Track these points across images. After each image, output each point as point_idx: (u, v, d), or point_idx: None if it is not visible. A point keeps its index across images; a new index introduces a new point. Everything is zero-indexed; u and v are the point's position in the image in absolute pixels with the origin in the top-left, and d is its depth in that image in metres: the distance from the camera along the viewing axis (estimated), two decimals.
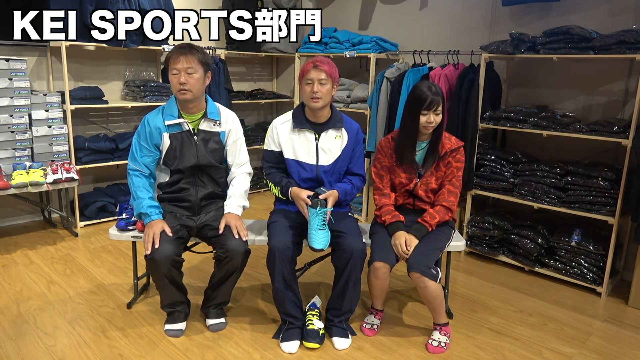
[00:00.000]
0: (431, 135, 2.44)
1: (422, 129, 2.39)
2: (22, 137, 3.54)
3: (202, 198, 2.45)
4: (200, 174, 2.44)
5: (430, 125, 2.37)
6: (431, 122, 2.35)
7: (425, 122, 2.36)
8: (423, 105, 2.33)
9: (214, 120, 2.43)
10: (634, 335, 2.59)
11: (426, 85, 2.36)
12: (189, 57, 2.30)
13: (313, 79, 2.38)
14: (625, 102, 3.17)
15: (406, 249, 2.33)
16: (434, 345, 2.37)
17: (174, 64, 2.30)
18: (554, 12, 3.39)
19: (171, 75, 2.32)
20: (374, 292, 2.48)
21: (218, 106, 2.51)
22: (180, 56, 2.30)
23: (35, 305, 2.68)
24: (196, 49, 2.35)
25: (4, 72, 3.40)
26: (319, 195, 2.31)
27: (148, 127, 2.39)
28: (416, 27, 4.20)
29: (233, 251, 2.29)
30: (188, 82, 2.29)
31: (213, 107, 2.47)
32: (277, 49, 4.96)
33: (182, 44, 2.36)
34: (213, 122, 2.43)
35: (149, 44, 4.00)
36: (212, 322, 2.48)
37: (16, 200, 3.82)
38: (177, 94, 2.34)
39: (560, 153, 3.44)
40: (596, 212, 2.96)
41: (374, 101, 3.96)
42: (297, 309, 2.38)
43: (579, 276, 3.08)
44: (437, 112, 2.35)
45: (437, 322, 2.42)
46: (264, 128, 5.00)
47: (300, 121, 2.49)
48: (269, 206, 2.63)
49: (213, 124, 2.43)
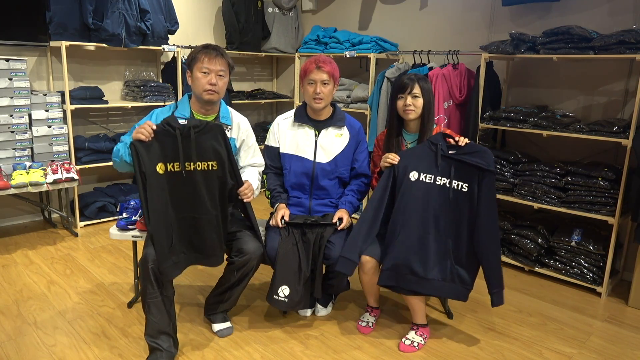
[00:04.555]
0: (419, 126, 2.43)
1: (403, 114, 2.39)
2: (22, 137, 3.54)
3: None
4: None
5: (408, 109, 2.36)
6: (408, 104, 2.35)
7: (403, 105, 2.37)
8: (398, 90, 2.39)
9: (225, 125, 2.39)
10: (634, 335, 2.59)
11: (405, 75, 2.42)
12: (221, 60, 2.30)
13: (315, 80, 2.40)
14: (625, 102, 3.17)
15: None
16: (406, 344, 2.35)
17: (208, 63, 2.27)
18: (554, 12, 3.39)
19: (199, 73, 2.28)
20: (365, 288, 2.48)
21: (230, 110, 2.47)
22: (216, 57, 2.28)
23: (35, 305, 2.68)
24: (225, 53, 2.35)
25: (4, 72, 3.39)
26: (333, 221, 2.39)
27: (155, 121, 2.31)
28: (416, 27, 4.20)
29: (251, 253, 2.27)
30: (218, 84, 2.29)
31: (226, 111, 2.44)
32: (277, 49, 4.96)
33: (210, 45, 2.35)
34: (224, 126, 2.38)
35: (149, 44, 4.01)
36: (220, 327, 2.44)
37: (16, 200, 3.82)
38: (202, 94, 2.28)
39: (560, 153, 3.44)
40: (596, 212, 2.96)
41: (374, 101, 3.96)
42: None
43: (579, 276, 3.08)
44: (414, 95, 2.35)
45: (415, 322, 2.41)
46: (264, 128, 5.00)
47: (301, 117, 2.53)
48: (269, 207, 2.63)
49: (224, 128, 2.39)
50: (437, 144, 2.30)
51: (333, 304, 2.72)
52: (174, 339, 2.20)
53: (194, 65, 2.31)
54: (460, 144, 2.28)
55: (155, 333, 2.15)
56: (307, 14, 5.12)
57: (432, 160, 2.29)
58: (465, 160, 2.26)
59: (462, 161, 2.27)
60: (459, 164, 2.28)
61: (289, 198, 2.55)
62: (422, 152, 2.32)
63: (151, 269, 2.09)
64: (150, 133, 2.10)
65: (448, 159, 2.29)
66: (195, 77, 2.30)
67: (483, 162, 2.24)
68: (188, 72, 2.35)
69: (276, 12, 4.90)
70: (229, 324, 2.47)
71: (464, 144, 2.28)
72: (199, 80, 2.28)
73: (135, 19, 3.84)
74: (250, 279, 2.39)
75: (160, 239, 2.11)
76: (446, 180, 2.28)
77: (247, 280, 2.37)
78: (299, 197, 2.54)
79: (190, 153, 2.16)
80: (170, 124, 2.16)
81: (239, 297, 2.45)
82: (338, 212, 2.44)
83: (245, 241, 2.30)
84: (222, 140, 2.21)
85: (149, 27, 3.93)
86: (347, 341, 2.41)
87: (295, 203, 2.54)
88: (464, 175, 2.28)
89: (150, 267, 2.09)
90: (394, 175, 2.33)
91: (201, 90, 2.28)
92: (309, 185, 2.52)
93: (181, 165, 2.17)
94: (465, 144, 2.28)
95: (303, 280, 2.30)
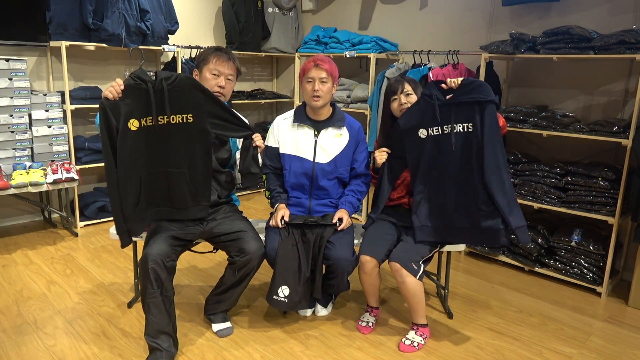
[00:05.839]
0: None
1: (400, 114, 2.42)
2: (22, 137, 3.54)
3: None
4: None
5: (404, 107, 2.40)
6: (404, 102, 2.40)
7: (398, 105, 2.42)
8: (391, 93, 2.44)
9: None
10: (634, 335, 2.59)
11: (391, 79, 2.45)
12: (231, 64, 2.33)
13: (314, 78, 2.41)
14: (625, 102, 3.17)
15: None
16: (406, 344, 2.35)
17: (219, 65, 2.30)
18: (554, 12, 3.39)
19: (209, 74, 2.31)
20: (365, 288, 2.48)
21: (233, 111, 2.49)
22: (228, 61, 2.31)
23: (35, 305, 2.68)
24: (235, 58, 2.37)
25: (4, 72, 3.40)
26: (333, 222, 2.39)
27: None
28: (416, 27, 4.21)
29: (252, 253, 2.27)
30: (226, 87, 2.32)
31: None
32: (277, 49, 4.96)
33: (222, 48, 2.37)
34: None
35: (149, 44, 4.01)
36: (220, 327, 2.44)
37: (16, 200, 3.82)
38: None
39: (560, 153, 3.44)
40: (596, 212, 2.96)
41: (374, 101, 3.97)
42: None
43: (579, 276, 3.08)
44: (407, 93, 2.40)
45: (415, 322, 2.41)
46: (264, 128, 5.00)
47: (300, 117, 2.53)
48: (269, 207, 2.63)
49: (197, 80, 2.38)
50: (432, 94, 2.27)
51: (333, 304, 2.72)
52: (174, 338, 2.20)
53: (203, 66, 2.32)
54: (453, 86, 2.24)
55: (155, 333, 2.15)
56: (307, 14, 5.12)
57: (433, 113, 2.27)
58: (463, 100, 2.22)
59: (461, 102, 2.22)
60: (457, 106, 2.24)
61: (289, 198, 2.55)
62: (421, 107, 2.31)
63: (151, 269, 2.09)
64: (119, 92, 2.04)
65: (447, 105, 2.26)
66: (204, 78, 2.32)
67: (481, 96, 2.18)
68: (195, 71, 2.37)
69: (276, 12, 4.91)
70: (229, 324, 2.47)
71: (459, 84, 2.22)
72: (207, 81, 2.31)
73: (135, 19, 3.84)
74: (250, 279, 2.39)
75: (128, 196, 2.08)
76: (449, 126, 2.26)
77: (247, 281, 2.37)
78: (299, 197, 2.54)
79: (163, 106, 2.11)
80: (140, 78, 2.09)
81: (239, 297, 2.45)
82: (338, 213, 2.44)
83: (246, 241, 2.30)
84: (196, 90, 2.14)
85: (149, 27, 3.93)
86: (347, 341, 2.41)
87: (295, 203, 2.54)
88: (465, 115, 2.23)
89: (151, 267, 2.09)
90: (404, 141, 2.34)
91: None
92: (308, 185, 2.52)
93: (154, 120, 2.12)
94: (460, 83, 2.23)
95: (303, 280, 2.30)
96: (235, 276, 2.32)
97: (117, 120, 2.04)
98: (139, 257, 2.24)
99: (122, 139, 2.05)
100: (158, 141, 2.15)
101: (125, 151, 2.06)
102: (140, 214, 2.16)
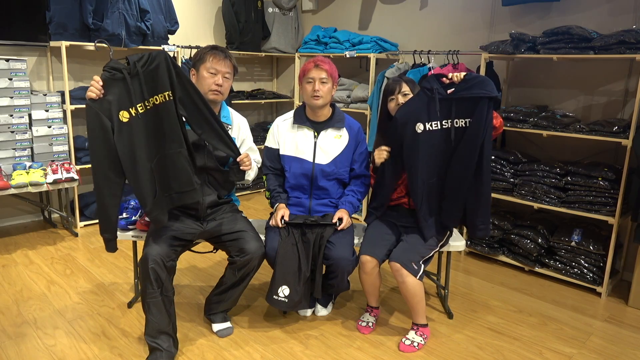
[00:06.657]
0: None
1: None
2: (22, 137, 3.54)
3: (208, 204, 2.37)
4: (207, 177, 2.38)
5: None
6: (400, 103, 2.39)
7: (395, 105, 2.41)
8: (389, 94, 2.45)
9: (226, 124, 2.40)
10: (634, 335, 2.59)
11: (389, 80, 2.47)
12: (228, 62, 2.33)
13: (314, 78, 2.41)
14: (625, 102, 3.17)
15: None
16: (406, 344, 2.35)
17: (215, 64, 2.30)
18: (554, 12, 3.39)
19: (206, 72, 2.30)
20: (365, 288, 2.48)
21: (231, 111, 2.50)
22: (224, 59, 2.32)
23: (35, 305, 2.68)
24: (232, 56, 2.37)
25: (4, 72, 3.40)
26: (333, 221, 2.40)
27: None
28: (416, 27, 4.21)
29: (253, 253, 2.27)
30: (223, 85, 2.32)
31: (226, 111, 2.47)
32: (277, 49, 4.96)
33: (218, 47, 2.36)
34: (225, 125, 2.37)
35: (149, 44, 4.01)
36: (220, 327, 2.44)
37: (16, 200, 3.82)
38: (207, 93, 2.30)
39: (560, 153, 3.44)
40: (596, 212, 2.96)
41: (374, 101, 3.96)
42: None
43: (579, 276, 3.08)
44: (404, 93, 2.40)
45: (415, 322, 2.41)
46: (264, 128, 5.00)
47: (300, 118, 2.53)
48: (269, 207, 2.63)
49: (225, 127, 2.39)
50: (433, 88, 2.24)
51: (333, 304, 2.72)
52: (173, 338, 2.20)
53: (200, 64, 2.32)
54: (455, 80, 2.22)
55: (155, 333, 2.15)
56: (307, 14, 5.12)
57: (433, 107, 2.25)
58: (465, 95, 2.20)
59: (462, 97, 2.21)
60: (458, 101, 2.22)
61: (289, 198, 2.55)
62: (420, 101, 2.28)
63: (151, 269, 2.09)
64: (99, 88, 2.01)
65: (447, 100, 2.24)
66: (201, 76, 2.32)
67: (483, 91, 2.17)
68: (192, 70, 2.37)
69: (276, 12, 4.91)
70: (229, 324, 2.47)
71: (461, 78, 2.21)
72: (205, 80, 2.30)
73: (135, 19, 3.84)
74: (251, 279, 2.39)
75: (143, 190, 2.06)
76: (448, 121, 2.25)
77: (247, 280, 2.37)
78: (299, 197, 2.54)
79: (141, 89, 2.06)
80: (114, 68, 2.03)
81: (239, 297, 2.45)
82: (338, 212, 2.44)
83: (246, 241, 2.30)
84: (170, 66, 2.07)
85: (149, 27, 3.93)
86: (347, 341, 2.41)
87: (295, 203, 2.54)
88: (465, 110, 2.22)
89: (151, 267, 2.09)
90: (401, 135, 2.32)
91: (206, 89, 2.30)
92: (308, 186, 2.52)
93: (143, 105, 2.07)
94: (463, 77, 2.21)
95: (303, 280, 2.30)
96: (235, 276, 2.32)
97: (110, 119, 2.02)
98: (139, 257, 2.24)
99: (118, 133, 2.03)
100: (152, 126, 2.09)
101: (125, 146, 2.03)
102: (159, 203, 2.13)
